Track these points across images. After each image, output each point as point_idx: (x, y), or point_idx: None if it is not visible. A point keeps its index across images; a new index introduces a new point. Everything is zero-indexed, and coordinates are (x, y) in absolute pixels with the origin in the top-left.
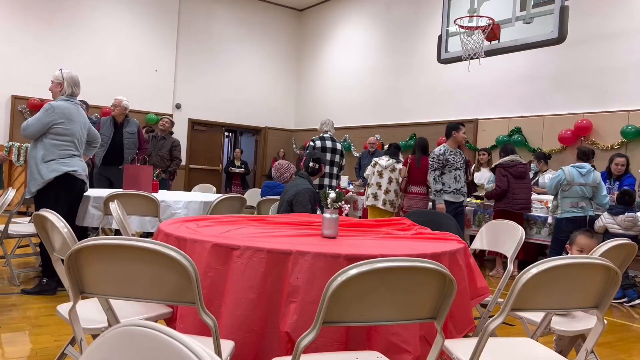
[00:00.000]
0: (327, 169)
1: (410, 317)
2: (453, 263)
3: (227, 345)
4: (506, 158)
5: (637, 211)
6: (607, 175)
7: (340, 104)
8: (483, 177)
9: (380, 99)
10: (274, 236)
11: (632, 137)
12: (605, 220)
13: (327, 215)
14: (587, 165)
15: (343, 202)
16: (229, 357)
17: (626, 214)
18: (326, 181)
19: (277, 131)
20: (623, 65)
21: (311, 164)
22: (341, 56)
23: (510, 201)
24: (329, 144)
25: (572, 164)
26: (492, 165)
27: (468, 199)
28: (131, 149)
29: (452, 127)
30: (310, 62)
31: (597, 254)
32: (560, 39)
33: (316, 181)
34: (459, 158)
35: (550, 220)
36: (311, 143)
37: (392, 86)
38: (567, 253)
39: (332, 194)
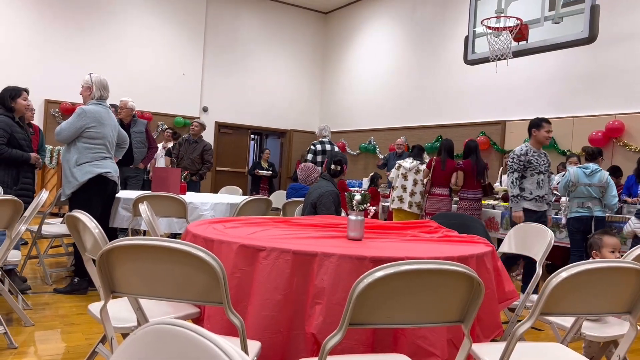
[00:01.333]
0: None
1: (437, 320)
2: (480, 266)
3: (253, 346)
4: None
5: None
6: (637, 178)
7: (365, 105)
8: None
9: (405, 100)
10: (300, 237)
11: None
12: (633, 225)
13: (352, 217)
14: (592, 166)
15: (368, 204)
16: (255, 358)
17: None
18: None
19: (302, 133)
20: None
21: (333, 166)
22: (366, 58)
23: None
24: (327, 147)
25: (578, 165)
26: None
27: (490, 201)
28: (140, 148)
29: (532, 125)
30: (335, 64)
31: (630, 257)
32: (590, 38)
33: None
34: (543, 160)
35: (564, 221)
36: (312, 147)
37: (417, 88)
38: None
39: (358, 196)
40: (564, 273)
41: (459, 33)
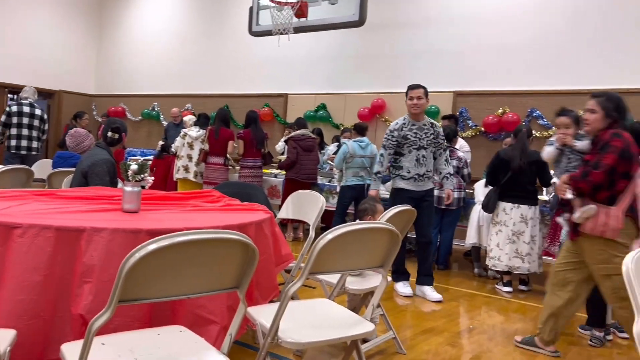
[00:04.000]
0: (25, 131)
1: (214, 289)
2: (259, 233)
3: (6, 335)
4: (298, 132)
5: None
6: None
7: (149, 70)
8: (278, 148)
9: (191, 67)
10: (65, 212)
11: None
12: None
13: (127, 188)
14: (366, 139)
15: (147, 174)
16: (9, 348)
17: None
18: (24, 143)
19: (74, 95)
20: (412, 51)
21: (110, 133)
22: (149, 20)
23: (298, 171)
24: (26, 109)
25: (353, 139)
26: (285, 138)
27: (272, 170)
28: None
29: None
30: (114, 21)
31: (384, 219)
32: (360, 22)
33: None
34: (424, 134)
35: (338, 189)
36: (7, 108)
37: (203, 55)
38: None
39: (134, 166)
40: (329, 235)
41: (245, 2)
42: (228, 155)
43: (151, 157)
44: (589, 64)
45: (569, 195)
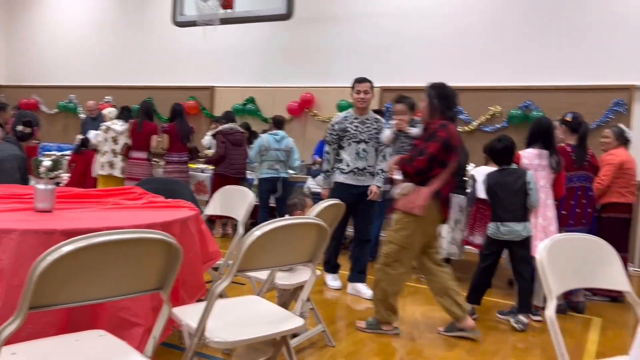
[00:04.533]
0: None
1: (136, 291)
2: (184, 230)
3: None
4: (226, 126)
5: None
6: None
7: (64, 60)
8: (205, 142)
9: (111, 58)
10: None
11: (345, 110)
12: (309, 183)
13: (40, 185)
14: (282, 132)
15: (61, 170)
16: None
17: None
18: None
19: None
20: (341, 46)
21: (21, 127)
22: (64, 7)
23: (227, 166)
24: None
25: (269, 132)
26: (214, 132)
27: (199, 165)
28: None
29: (353, 85)
30: (24, 10)
31: (313, 213)
32: (287, 15)
33: None
34: (367, 127)
35: (256, 182)
36: None
37: (125, 45)
38: None
39: (47, 161)
40: (257, 231)
41: None
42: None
43: (69, 153)
44: (510, 61)
45: (397, 175)
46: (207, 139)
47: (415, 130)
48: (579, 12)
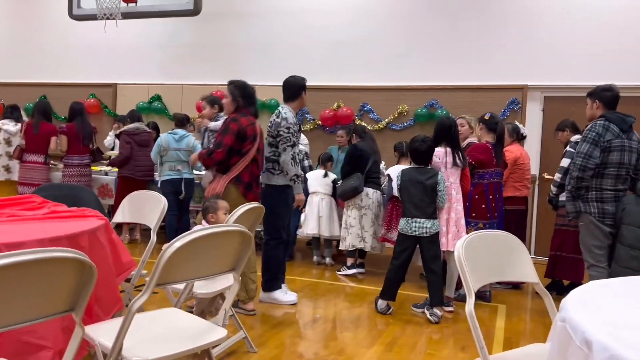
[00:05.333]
0: None
1: (43, 315)
2: (94, 242)
3: None
4: (131, 125)
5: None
6: None
7: None
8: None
9: (1, 52)
10: None
11: (260, 109)
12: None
13: None
14: (181, 131)
15: None
16: None
17: None
18: None
19: None
20: (252, 42)
21: None
22: None
23: (133, 168)
24: None
25: (168, 131)
26: (117, 132)
27: (102, 167)
28: None
29: (302, 86)
30: None
31: (230, 221)
32: (195, 11)
33: None
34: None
35: (159, 185)
36: None
37: (15, 39)
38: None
39: None
40: (177, 243)
41: None
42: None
43: None
44: (416, 62)
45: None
46: (110, 139)
47: (214, 124)
48: (479, 17)
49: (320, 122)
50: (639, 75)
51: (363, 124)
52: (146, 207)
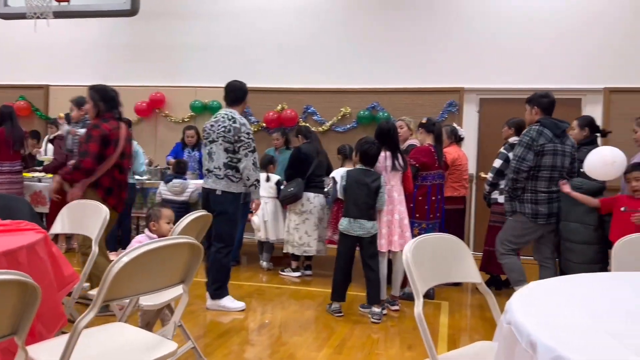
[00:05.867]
0: None
1: None
2: (33, 257)
3: None
4: (66, 129)
5: (187, 178)
6: (183, 145)
7: None
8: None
9: None
10: None
11: (199, 111)
12: (160, 188)
13: None
14: None
15: None
16: None
17: (173, 180)
18: None
19: None
20: (192, 44)
21: None
22: None
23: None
24: None
25: None
26: (51, 137)
27: (35, 174)
28: None
29: (246, 91)
30: None
31: (177, 230)
32: (132, 11)
33: None
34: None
35: None
36: None
37: None
38: None
39: None
40: (125, 258)
41: None
42: None
43: None
44: (358, 65)
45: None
46: (42, 145)
47: (81, 131)
48: (419, 22)
49: (264, 125)
50: (571, 78)
51: (308, 125)
52: (87, 217)
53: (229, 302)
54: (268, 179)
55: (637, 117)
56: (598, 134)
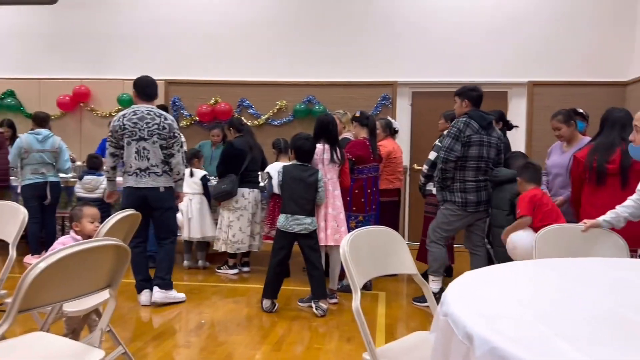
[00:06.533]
0: None
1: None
2: None
3: None
4: None
5: (102, 174)
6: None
7: None
8: None
9: None
10: None
11: (127, 105)
12: (76, 186)
13: None
14: (45, 131)
15: None
16: None
17: (85, 177)
18: None
19: None
20: (118, 35)
21: None
22: None
23: None
24: None
25: (29, 131)
26: None
27: None
28: None
29: (157, 85)
30: None
31: (102, 232)
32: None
33: None
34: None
35: (19, 190)
36: None
37: None
38: (69, 232)
39: None
40: (42, 264)
41: None
42: None
43: None
44: (293, 58)
45: None
46: None
47: None
48: (353, 17)
49: (197, 118)
50: (498, 72)
51: (240, 118)
52: (3, 219)
53: (174, 292)
54: (192, 174)
55: (555, 112)
56: (507, 128)
